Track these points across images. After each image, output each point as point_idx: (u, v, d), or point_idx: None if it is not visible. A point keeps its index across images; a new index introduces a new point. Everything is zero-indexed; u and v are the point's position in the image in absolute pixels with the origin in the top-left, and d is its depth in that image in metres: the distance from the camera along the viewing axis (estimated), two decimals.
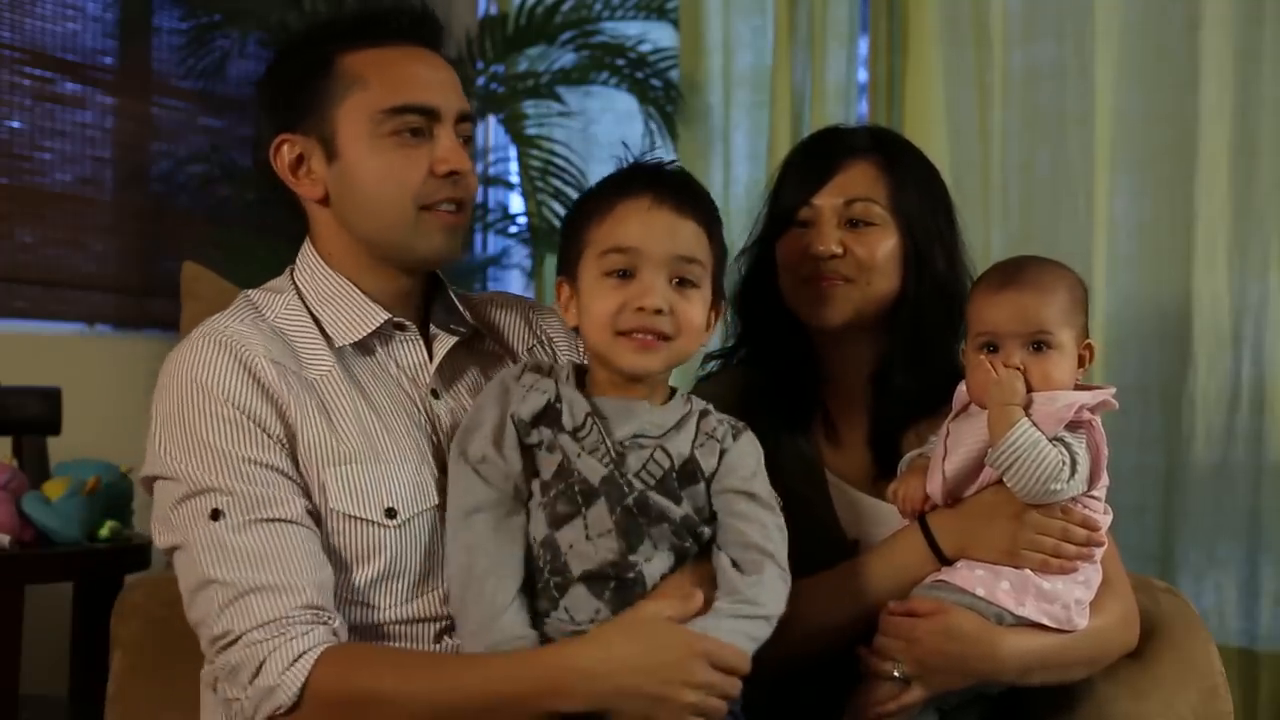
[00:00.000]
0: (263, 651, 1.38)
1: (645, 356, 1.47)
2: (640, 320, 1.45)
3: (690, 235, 1.49)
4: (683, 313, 1.47)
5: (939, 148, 3.14)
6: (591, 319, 1.48)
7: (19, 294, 3.31)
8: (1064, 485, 1.56)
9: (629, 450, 1.46)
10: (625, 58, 3.68)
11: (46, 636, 2.65)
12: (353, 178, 1.56)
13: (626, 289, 1.46)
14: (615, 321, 1.46)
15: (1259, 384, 2.92)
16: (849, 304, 1.77)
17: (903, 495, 1.68)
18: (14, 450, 2.73)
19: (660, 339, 1.46)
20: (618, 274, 1.47)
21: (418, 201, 1.55)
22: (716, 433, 1.51)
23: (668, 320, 1.46)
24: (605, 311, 1.46)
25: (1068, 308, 1.62)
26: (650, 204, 1.48)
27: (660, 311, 1.45)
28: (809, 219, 1.80)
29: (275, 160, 1.60)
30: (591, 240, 1.49)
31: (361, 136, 1.55)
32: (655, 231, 1.47)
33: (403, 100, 1.54)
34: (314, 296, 1.59)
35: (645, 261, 1.46)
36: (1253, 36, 2.92)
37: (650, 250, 1.46)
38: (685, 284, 1.48)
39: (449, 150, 1.55)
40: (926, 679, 1.58)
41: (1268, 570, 2.92)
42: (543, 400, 1.48)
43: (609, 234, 1.48)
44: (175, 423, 1.47)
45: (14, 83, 3.30)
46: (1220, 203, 2.94)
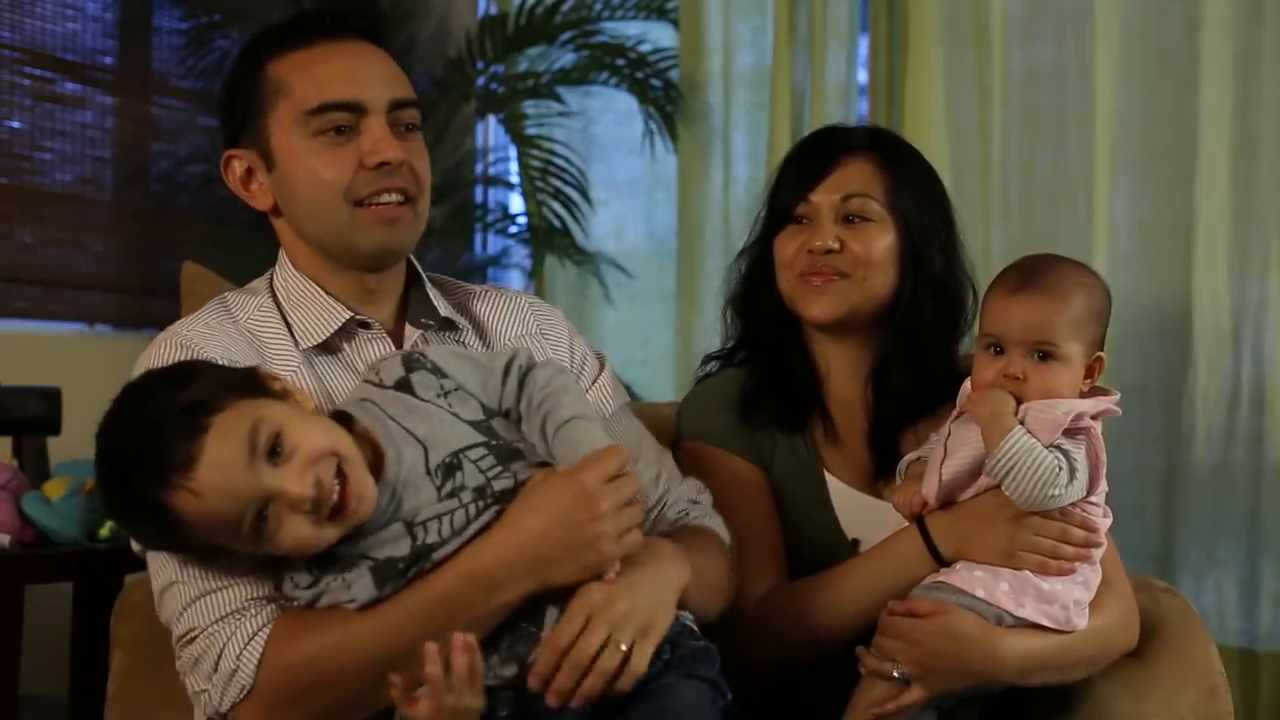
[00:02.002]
0: (221, 640, 1.40)
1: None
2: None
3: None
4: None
5: (939, 148, 3.14)
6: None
7: (19, 294, 3.31)
8: (1062, 491, 1.56)
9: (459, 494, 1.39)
10: (625, 58, 3.68)
11: (46, 636, 2.65)
12: (289, 184, 1.56)
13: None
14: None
15: (1259, 384, 2.92)
16: (845, 300, 1.77)
17: (902, 500, 1.68)
18: (14, 450, 2.73)
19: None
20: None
21: (350, 198, 1.54)
22: (444, 387, 1.44)
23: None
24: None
25: (1080, 318, 1.60)
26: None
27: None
28: (806, 215, 1.80)
29: (227, 176, 1.61)
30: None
31: (292, 142, 1.54)
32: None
33: (321, 99, 1.53)
34: (286, 300, 1.60)
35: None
36: (1253, 37, 2.92)
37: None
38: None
39: (376, 141, 1.53)
40: (926, 679, 1.58)
41: (1268, 570, 2.92)
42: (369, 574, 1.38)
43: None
44: None
45: (14, 83, 3.30)
46: (1220, 203, 2.94)
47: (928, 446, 1.71)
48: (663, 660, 1.36)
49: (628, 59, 3.68)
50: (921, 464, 1.70)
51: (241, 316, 1.58)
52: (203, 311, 1.59)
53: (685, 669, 1.37)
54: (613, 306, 3.72)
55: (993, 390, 1.59)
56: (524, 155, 3.77)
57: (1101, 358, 1.63)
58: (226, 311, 1.59)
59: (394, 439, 1.39)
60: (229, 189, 1.63)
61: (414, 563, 1.36)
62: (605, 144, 3.90)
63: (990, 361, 1.62)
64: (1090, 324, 1.61)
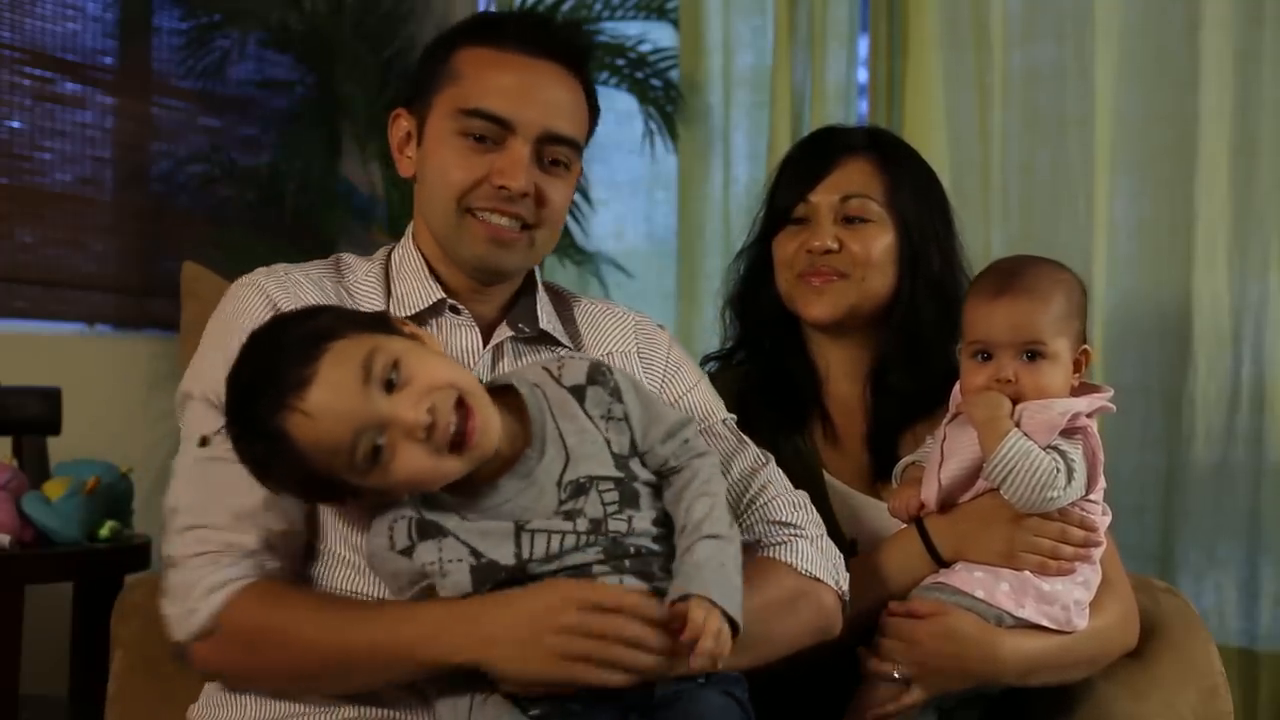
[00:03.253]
0: (194, 577, 1.42)
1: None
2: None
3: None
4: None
5: (939, 149, 3.14)
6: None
7: (19, 294, 3.31)
8: (1060, 492, 1.56)
9: (576, 516, 1.36)
10: (625, 58, 3.68)
11: (46, 636, 2.65)
12: (425, 165, 1.59)
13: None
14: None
15: (1259, 384, 2.92)
16: (845, 300, 1.77)
17: (898, 504, 1.68)
18: (14, 450, 2.73)
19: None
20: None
21: (462, 202, 1.54)
22: (612, 409, 1.42)
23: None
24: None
25: (1063, 315, 1.61)
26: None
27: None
28: (805, 215, 1.80)
29: (391, 130, 1.64)
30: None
31: (441, 129, 1.56)
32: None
33: (477, 103, 1.53)
34: (398, 271, 1.62)
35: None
36: (1253, 37, 2.92)
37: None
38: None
39: (509, 164, 1.53)
40: (926, 680, 1.58)
41: (1268, 570, 2.91)
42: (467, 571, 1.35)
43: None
44: (208, 348, 1.53)
45: (14, 83, 3.30)
46: (1220, 203, 2.93)
47: (923, 450, 1.71)
48: (696, 682, 1.37)
49: (628, 59, 3.68)
50: (918, 468, 1.70)
51: (350, 277, 1.61)
52: (312, 263, 1.62)
53: (719, 686, 1.39)
54: None
55: (988, 393, 1.59)
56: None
57: (1087, 350, 1.64)
58: (336, 270, 1.62)
59: (545, 434, 1.38)
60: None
61: (514, 577, 1.35)
62: (605, 144, 3.89)
63: (979, 368, 1.62)
64: (1073, 319, 1.62)
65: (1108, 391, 1.63)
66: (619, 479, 1.38)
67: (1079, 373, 1.64)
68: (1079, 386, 1.64)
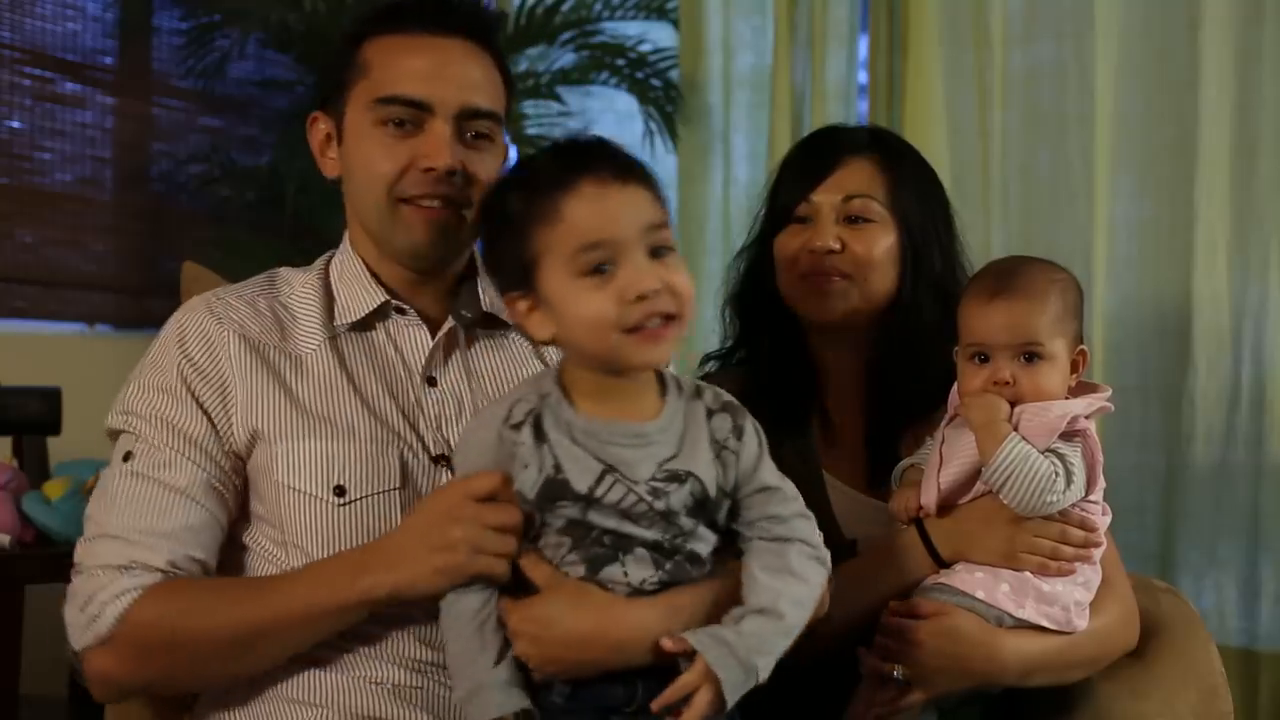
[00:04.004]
0: (96, 585, 1.44)
1: (659, 347, 1.33)
2: (646, 309, 1.31)
3: (647, 201, 1.35)
4: (678, 283, 1.33)
5: (939, 148, 3.14)
6: (583, 326, 1.33)
7: (19, 294, 3.32)
8: (1059, 496, 1.55)
9: (660, 496, 1.35)
10: (625, 58, 3.69)
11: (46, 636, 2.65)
12: (347, 161, 1.59)
13: (614, 282, 1.31)
14: (620, 320, 1.31)
15: (1259, 384, 2.92)
16: (846, 300, 1.77)
17: (898, 506, 1.68)
18: (14, 450, 2.73)
19: (667, 321, 1.33)
20: (595, 271, 1.32)
21: (394, 194, 1.54)
22: (728, 441, 1.40)
23: (668, 298, 1.32)
24: (603, 315, 1.31)
25: (1060, 315, 1.61)
26: (596, 187, 1.33)
27: (659, 291, 1.31)
28: (807, 215, 1.80)
29: (310, 135, 1.64)
30: (548, 246, 1.33)
31: (359, 123, 1.56)
32: (617, 212, 1.33)
33: (390, 91, 1.54)
34: (338, 278, 1.62)
35: (622, 248, 1.32)
36: (1253, 36, 2.92)
37: (622, 234, 1.32)
38: (662, 252, 1.34)
39: (432, 146, 1.53)
40: (927, 680, 1.58)
41: (1268, 570, 2.92)
42: (540, 477, 1.34)
43: (570, 234, 1.32)
44: (141, 368, 1.57)
45: (14, 83, 3.31)
46: (1220, 203, 2.94)
47: (921, 453, 1.71)
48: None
49: (628, 59, 3.68)
50: (917, 470, 1.70)
51: (285, 291, 1.61)
52: (246, 283, 1.63)
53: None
54: None
55: (985, 396, 1.59)
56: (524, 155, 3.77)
57: (1084, 351, 1.63)
58: (270, 285, 1.63)
59: (671, 418, 1.38)
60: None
61: (577, 503, 1.34)
62: None
63: (976, 370, 1.62)
64: (1069, 319, 1.62)
65: (1106, 391, 1.63)
66: (705, 497, 1.37)
67: (1077, 373, 1.63)
68: (1077, 387, 1.64)
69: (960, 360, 1.65)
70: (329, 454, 1.49)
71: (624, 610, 1.35)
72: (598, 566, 1.35)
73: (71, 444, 2.73)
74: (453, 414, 1.57)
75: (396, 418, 1.54)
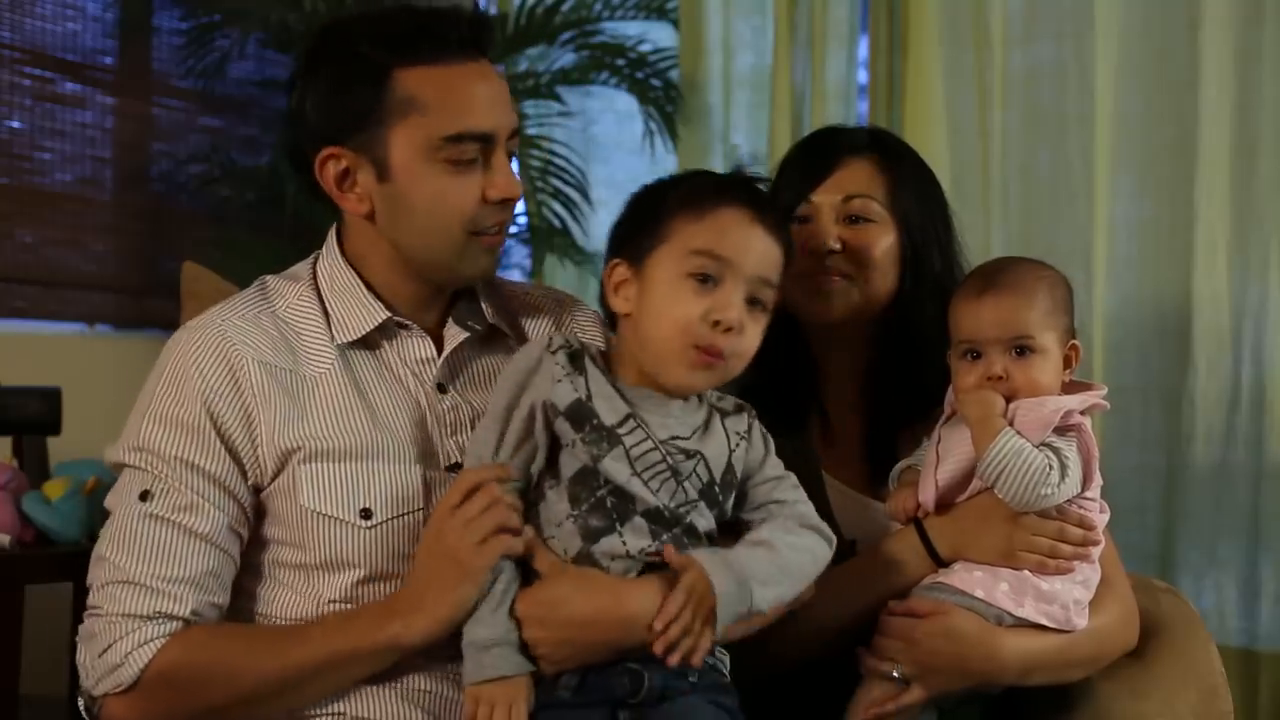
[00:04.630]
0: (118, 632, 1.44)
1: (700, 374, 1.43)
2: (713, 336, 1.40)
3: (776, 259, 1.46)
4: (749, 335, 1.44)
5: (939, 148, 3.14)
6: (663, 319, 1.42)
7: (19, 294, 3.31)
8: (1054, 490, 1.56)
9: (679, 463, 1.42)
10: (625, 58, 3.68)
11: (46, 636, 2.65)
12: (405, 200, 1.53)
13: (709, 296, 1.41)
14: (690, 329, 1.41)
15: (1259, 384, 2.92)
16: (847, 300, 1.77)
17: (895, 506, 1.68)
18: (14, 450, 2.73)
19: (719, 358, 1.42)
20: (700, 278, 1.41)
21: (468, 228, 1.53)
22: (749, 434, 1.50)
23: (736, 339, 1.42)
24: (685, 315, 1.41)
25: (1049, 309, 1.62)
26: (752, 218, 1.44)
27: (731, 329, 1.41)
28: (807, 215, 1.80)
29: (320, 173, 1.55)
30: (679, 234, 1.43)
31: (416, 160, 1.51)
32: (752, 247, 1.43)
33: (461, 128, 1.50)
34: (329, 289, 1.59)
35: (733, 274, 1.42)
36: (1253, 36, 2.92)
37: (742, 264, 1.42)
38: (756, 305, 1.44)
39: (505, 178, 1.53)
40: (926, 679, 1.58)
41: (1268, 570, 2.92)
42: (573, 397, 1.42)
43: (705, 235, 1.42)
44: (154, 398, 1.51)
45: (14, 83, 3.30)
46: (1220, 203, 2.94)
47: (918, 454, 1.71)
48: (689, 682, 1.40)
49: (628, 59, 3.68)
50: (914, 471, 1.70)
51: (281, 305, 1.58)
52: (241, 299, 1.59)
53: (710, 695, 1.42)
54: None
55: (980, 391, 1.60)
56: (524, 155, 3.77)
57: (1076, 346, 1.64)
58: (265, 299, 1.58)
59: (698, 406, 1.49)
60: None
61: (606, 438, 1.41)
62: (605, 144, 3.90)
63: (969, 368, 1.63)
64: (1059, 313, 1.63)
65: (1101, 389, 1.64)
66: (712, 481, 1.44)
67: (1070, 368, 1.64)
68: (1071, 384, 1.64)
69: (953, 359, 1.66)
70: (353, 477, 1.49)
71: (630, 588, 1.38)
72: (595, 537, 1.38)
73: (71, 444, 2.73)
74: (465, 422, 1.57)
75: (413, 434, 1.54)
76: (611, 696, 1.38)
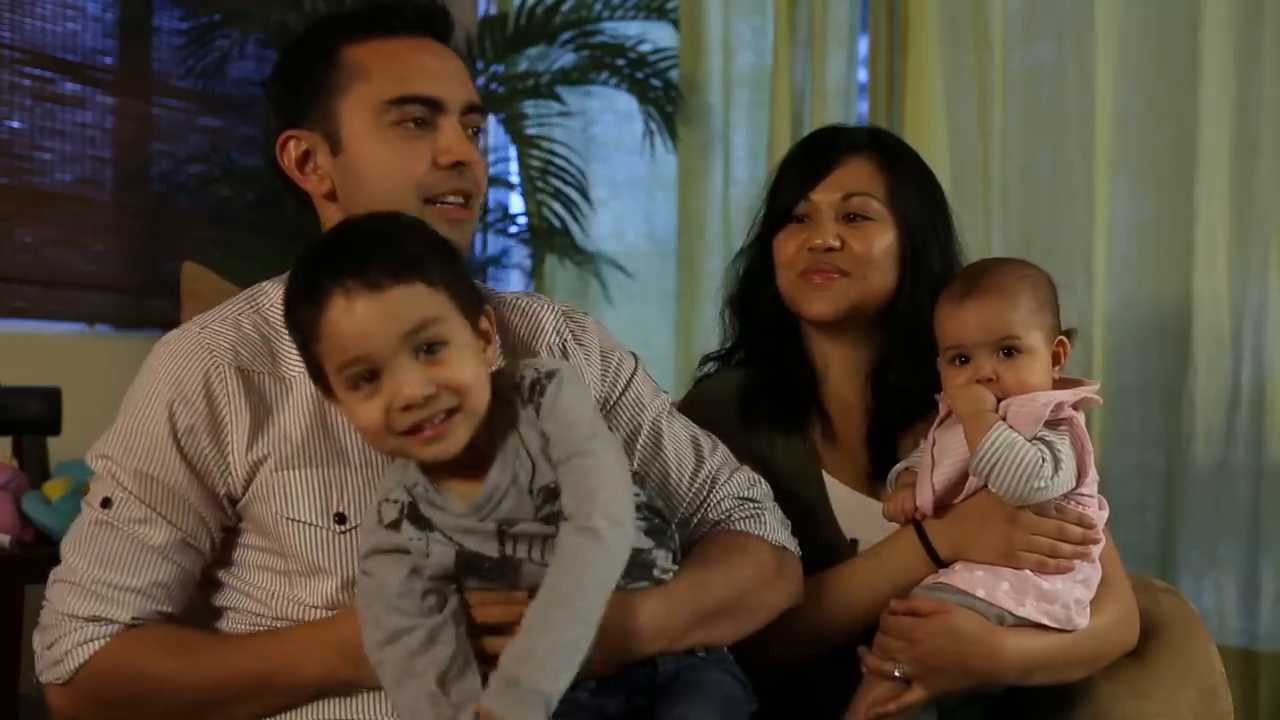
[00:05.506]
0: (62, 629, 1.47)
1: (443, 443, 1.33)
2: (415, 416, 1.31)
3: (408, 302, 1.31)
4: (449, 379, 1.31)
5: (939, 148, 3.14)
6: (367, 435, 1.37)
7: (19, 294, 3.31)
8: (1047, 483, 1.56)
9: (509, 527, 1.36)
10: (625, 58, 3.68)
11: None
12: (357, 170, 1.54)
13: (381, 393, 1.31)
14: (393, 427, 1.32)
15: (1259, 384, 2.92)
16: (846, 298, 1.77)
17: (893, 509, 1.68)
18: (14, 450, 2.73)
19: (447, 416, 1.32)
20: (365, 379, 1.32)
21: (421, 193, 1.53)
22: (535, 446, 1.37)
23: (443, 396, 1.31)
24: (372, 423, 1.33)
25: (1034, 309, 1.62)
26: (344, 299, 1.31)
27: (429, 396, 1.31)
28: (806, 214, 1.80)
29: (281, 157, 1.58)
30: (322, 358, 1.34)
31: (365, 129, 1.53)
32: (369, 325, 1.30)
33: (405, 90, 1.52)
34: None
35: (382, 358, 1.31)
36: (1253, 36, 2.92)
37: (378, 347, 1.31)
38: (435, 348, 1.32)
39: (452, 140, 1.53)
40: (927, 679, 1.58)
41: (1268, 570, 2.92)
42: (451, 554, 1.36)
43: (331, 352, 1.33)
44: (127, 406, 1.52)
45: (14, 83, 3.30)
46: (1220, 203, 2.94)
47: (914, 456, 1.71)
48: (699, 658, 1.43)
49: (628, 59, 3.68)
50: (911, 474, 1.70)
51: (266, 303, 1.57)
52: (226, 304, 1.59)
53: (720, 666, 1.45)
54: (613, 306, 3.72)
55: (972, 387, 1.60)
56: (524, 155, 3.78)
57: (1064, 341, 1.65)
58: (253, 301, 1.58)
59: (509, 443, 1.37)
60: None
61: (501, 570, 1.36)
62: (605, 144, 3.90)
63: (958, 372, 1.63)
64: (1044, 312, 1.63)
65: (1092, 384, 1.64)
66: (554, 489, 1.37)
67: (1059, 365, 1.65)
68: (1062, 380, 1.65)
69: (942, 365, 1.66)
70: (326, 482, 1.47)
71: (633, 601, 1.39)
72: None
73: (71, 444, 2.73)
74: None
75: None
76: (629, 686, 1.39)
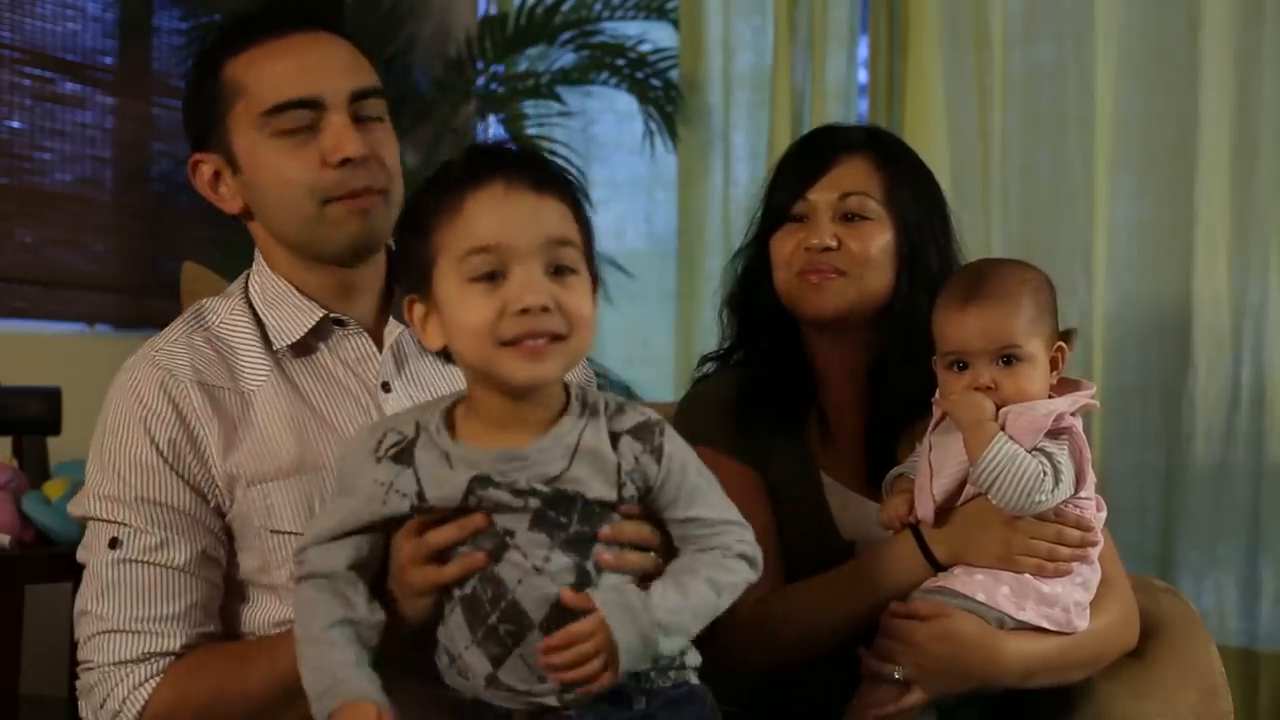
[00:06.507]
0: (111, 682, 1.43)
1: (538, 365, 1.25)
2: (527, 324, 1.24)
3: (559, 215, 1.28)
4: (569, 305, 1.26)
5: (939, 149, 3.15)
6: (464, 332, 1.26)
7: (19, 294, 3.32)
8: (1048, 495, 1.55)
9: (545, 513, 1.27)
10: (625, 58, 3.69)
11: (46, 636, 2.65)
12: (256, 186, 1.53)
13: (500, 291, 1.24)
14: (496, 331, 1.24)
15: (1259, 384, 2.93)
16: (843, 298, 1.77)
17: (889, 515, 1.68)
18: (14, 450, 2.73)
19: (552, 340, 1.25)
20: (485, 277, 1.25)
21: (318, 196, 1.50)
22: (635, 465, 1.30)
23: (557, 318, 1.25)
24: (480, 321, 1.24)
25: (1034, 316, 1.60)
26: (504, 190, 1.27)
27: (546, 309, 1.24)
28: (803, 214, 1.80)
29: (195, 181, 1.58)
30: (443, 245, 1.27)
31: (253, 144, 1.51)
32: (517, 219, 1.26)
33: (277, 98, 1.49)
34: (261, 300, 1.57)
35: (515, 256, 1.25)
36: (1253, 37, 2.93)
37: (518, 241, 1.25)
38: (563, 271, 1.26)
39: (337, 138, 1.49)
40: (927, 681, 1.58)
41: (1268, 570, 2.92)
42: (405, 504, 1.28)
43: (464, 233, 1.26)
44: (102, 445, 1.50)
45: (14, 83, 3.31)
46: (1220, 203, 2.94)
47: (909, 462, 1.70)
48: (638, 710, 1.30)
49: (628, 59, 3.68)
50: (907, 479, 1.69)
51: (214, 320, 1.56)
52: (172, 326, 1.57)
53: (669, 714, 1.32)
54: (613, 306, 3.72)
55: (971, 393, 1.58)
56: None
57: (1062, 347, 1.63)
58: (199, 319, 1.57)
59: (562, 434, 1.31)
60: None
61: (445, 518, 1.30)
62: (605, 144, 3.90)
63: (956, 378, 1.61)
64: (1044, 318, 1.61)
65: (1090, 388, 1.63)
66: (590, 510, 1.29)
67: (1057, 370, 1.63)
68: (1059, 384, 1.64)
69: (939, 369, 1.64)
70: (304, 490, 1.47)
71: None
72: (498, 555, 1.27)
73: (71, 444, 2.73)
74: None
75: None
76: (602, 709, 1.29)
